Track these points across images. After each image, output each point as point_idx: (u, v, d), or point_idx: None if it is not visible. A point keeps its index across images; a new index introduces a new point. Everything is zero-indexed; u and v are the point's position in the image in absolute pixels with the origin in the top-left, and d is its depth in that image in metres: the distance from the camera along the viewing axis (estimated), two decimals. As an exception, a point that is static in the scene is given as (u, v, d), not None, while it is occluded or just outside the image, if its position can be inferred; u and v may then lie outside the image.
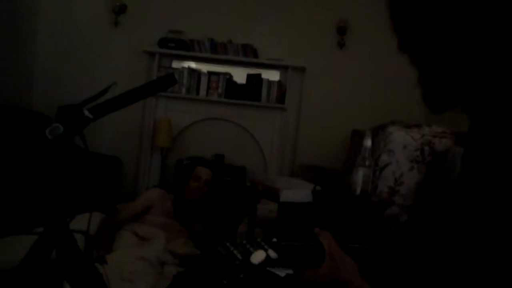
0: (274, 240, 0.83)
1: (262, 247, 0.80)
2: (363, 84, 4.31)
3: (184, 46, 4.28)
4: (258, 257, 0.79)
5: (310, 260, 0.85)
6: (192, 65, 4.43)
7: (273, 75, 4.37)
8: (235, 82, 4.36)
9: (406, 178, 2.39)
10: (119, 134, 4.38)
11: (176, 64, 4.41)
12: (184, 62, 4.43)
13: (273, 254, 0.80)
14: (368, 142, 2.06)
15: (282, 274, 1.56)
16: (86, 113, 1.11)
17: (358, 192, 2.01)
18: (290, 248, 0.84)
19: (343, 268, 0.83)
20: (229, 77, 4.34)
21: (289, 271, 1.47)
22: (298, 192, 2.14)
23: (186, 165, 3.86)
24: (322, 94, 4.38)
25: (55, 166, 1.18)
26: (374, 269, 0.88)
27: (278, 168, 4.31)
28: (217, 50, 4.31)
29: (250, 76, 4.34)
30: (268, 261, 0.79)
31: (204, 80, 4.31)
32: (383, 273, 0.87)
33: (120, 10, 4.35)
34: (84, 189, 2.33)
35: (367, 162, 2.03)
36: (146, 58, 4.37)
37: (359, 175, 2.03)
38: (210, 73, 4.34)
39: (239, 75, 4.39)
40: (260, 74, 4.32)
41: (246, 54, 4.30)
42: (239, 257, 0.78)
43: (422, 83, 0.72)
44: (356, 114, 4.20)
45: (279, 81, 4.32)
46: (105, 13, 4.37)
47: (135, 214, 2.72)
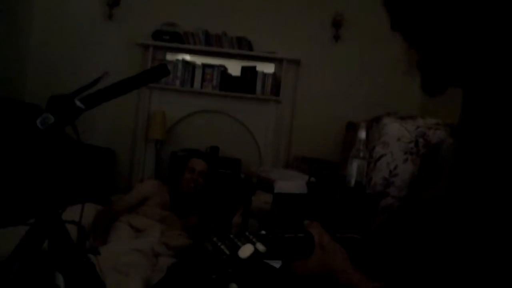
0: (263, 232, 0.83)
1: (250, 241, 0.79)
2: (358, 77, 4.31)
3: (178, 39, 4.25)
4: (246, 251, 0.78)
5: (300, 251, 0.85)
6: (186, 57, 4.40)
7: (268, 68, 4.35)
8: (230, 75, 4.34)
9: (401, 170, 2.39)
10: (113, 126, 4.36)
11: (170, 56, 4.38)
12: (178, 54, 4.40)
13: (261, 248, 0.79)
14: (362, 134, 2.05)
15: (277, 265, 1.56)
16: (78, 103, 1.10)
17: (352, 183, 2.01)
18: (279, 240, 0.83)
19: (333, 257, 0.83)
20: (223, 69, 4.32)
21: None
22: (293, 183, 2.14)
23: (180, 157, 3.85)
24: (317, 86, 4.37)
25: (47, 156, 1.17)
26: (364, 257, 0.88)
27: (273, 160, 4.31)
28: (211, 43, 4.28)
29: (244, 68, 4.32)
30: (256, 254, 0.78)
31: (198, 72, 4.29)
32: (373, 260, 0.87)
33: (114, 3, 4.32)
34: (77, 180, 2.31)
35: (362, 154, 2.03)
36: (140, 50, 4.34)
37: (354, 167, 2.02)
38: (205, 65, 4.31)
39: (234, 68, 4.37)
40: (255, 67, 4.30)
41: (241, 47, 4.27)
42: (227, 252, 0.77)
43: (419, 65, 0.71)
44: (351, 106, 4.20)
45: (274, 73, 4.31)
46: (99, 6, 4.34)
47: (131, 206, 2.70)
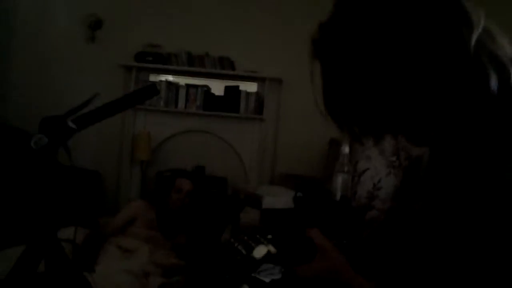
0: (270, 236, 0.87)
1: (262, 243, 0.83)
2: (339, 93, 4.38)
3: (161, 60, 4.29)
4: (260, 251, 0.82)
5: (303, 255, 0.89)
6: (169, 78, 4.45)
7: (250, 87, 4.42)
8: (213, 94, 4.39)
9: (384, 183, 2.44)
10: (98, 148, 4.34)
11: (153, 77, 4.42)
12: (161, 75, 4.44)
13: (273, 249, 0.83)
14: (346, 149, 2.10)
15: (267, 280, 1.58)
16: (70, 124, 1.13)
17: (338, 197, 2.06)
18: (286, 244, 0.87)
19: (335, 261, 0.88)
20: (207, 89, 4.37)
21: (274, 277, 1.50)
22: (280, 198, 2.17)
23: (166, 177, 3.85)
24: (299, 104, 4.42)
25: (41, 177, 1.19)
26: (359, 262, 0.92)
27: (258, 177, 4.34)
28: (194, 63, 4.34)
29: (228, 88, 4.38)
30: (269, 256, 0.82)
31: (182, 93, 4.33)
32: (367, 265, 0.92)
33: (96, 25, 4.33)
34: (65, 203, 2.31)
35: (346, 168, 2.08)
36: (123, 72, 4.36)
37: (338, 181, 2.07)
38: (188, 85, 4.36)
39: (217, 87, 4.42)
40: (238, 86, 4.36)
41: (223, 67, 4.33)
42: (244, 252, 0.81)
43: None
44: (333, 123, 4.26)
45: (257, 92, 4.37)
46: (81, 29, 4.35)
47: (119, 227, 2.71)
